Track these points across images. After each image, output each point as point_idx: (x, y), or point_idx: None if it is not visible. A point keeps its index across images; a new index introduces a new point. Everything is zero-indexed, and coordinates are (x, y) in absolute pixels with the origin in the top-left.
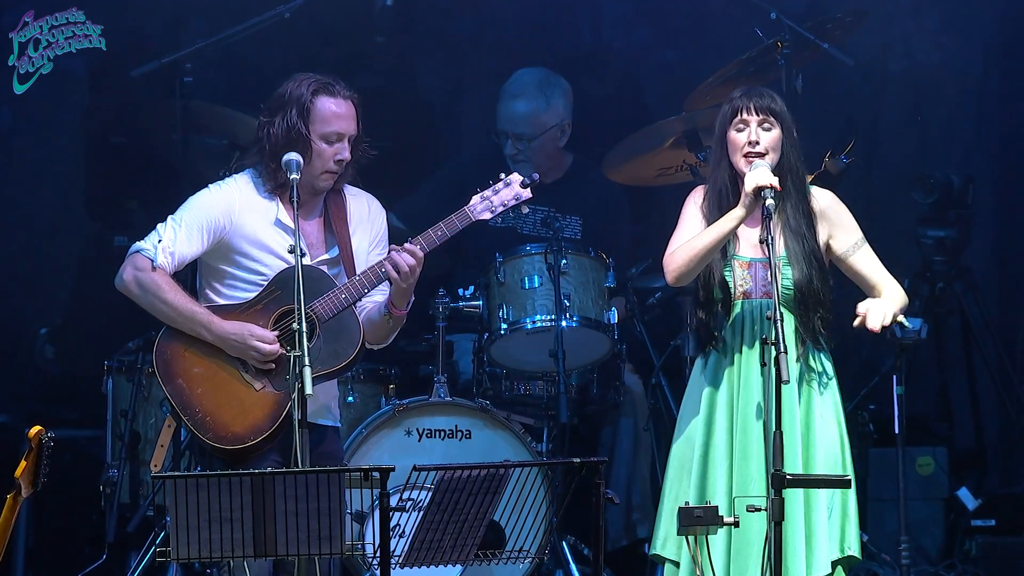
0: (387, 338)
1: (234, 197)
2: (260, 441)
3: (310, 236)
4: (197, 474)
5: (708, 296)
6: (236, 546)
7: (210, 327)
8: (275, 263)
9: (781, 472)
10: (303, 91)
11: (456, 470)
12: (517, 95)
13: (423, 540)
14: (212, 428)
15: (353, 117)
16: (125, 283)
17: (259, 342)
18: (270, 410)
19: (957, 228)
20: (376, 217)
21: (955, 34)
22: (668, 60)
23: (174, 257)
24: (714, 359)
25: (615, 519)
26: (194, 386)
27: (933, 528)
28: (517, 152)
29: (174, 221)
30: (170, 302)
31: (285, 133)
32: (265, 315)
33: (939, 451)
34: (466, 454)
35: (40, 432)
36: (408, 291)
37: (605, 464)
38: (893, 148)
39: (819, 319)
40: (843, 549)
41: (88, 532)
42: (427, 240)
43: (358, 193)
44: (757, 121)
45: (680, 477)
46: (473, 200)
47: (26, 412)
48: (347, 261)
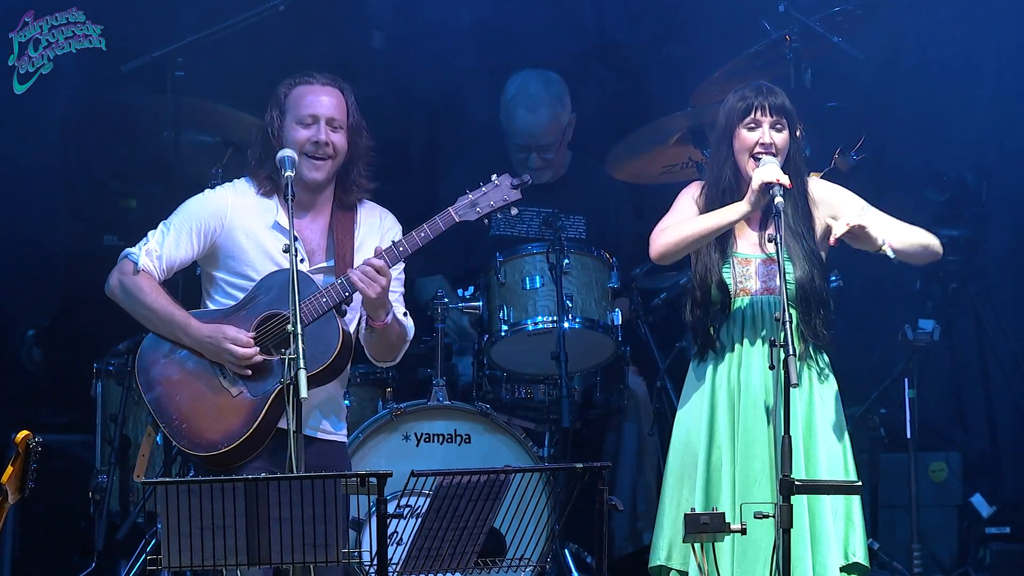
0: (390, 353)
1: (227, 200)
2: (235, 448)
3: (311, 242)
4: (189, 479)
5: (705, 296)
6: (229, 554)
7: (187, 330)
8: (270, 268)
9: (790, 478)
10: (283, 88)
11: (455, 476)
12: (533, 107)
13: (421, 548)
14: (187, 435)
15: (336, 103)
16: (111, 288)
17: (232, 344)
18: (245, 416)
19: (971, 227)
20: (388, 228)
21: (969, 27)
22: (674, 54)
23: (161, 261)
24: (711, 360)
25: (619, 526)
26: (172, 393)
27: (946, 536)
28: (544, 164)
29: (164, 225)
30: (149, 305)
31: (266, 131)
32: (248, 320)
33: (952, 456)
34: (465, 459)
35: (27, 437)
36: (377, 303)
37: (608, 469)
38: (905, 145)
39: (820, 318)
40: (847, 556)
41: (76, 540)
42: (409, 242)
43: (374, 208)
44: (770, 122)
45: (681, 484)
46: (459, 200)
47: (13, 416)
48: (341, 272)
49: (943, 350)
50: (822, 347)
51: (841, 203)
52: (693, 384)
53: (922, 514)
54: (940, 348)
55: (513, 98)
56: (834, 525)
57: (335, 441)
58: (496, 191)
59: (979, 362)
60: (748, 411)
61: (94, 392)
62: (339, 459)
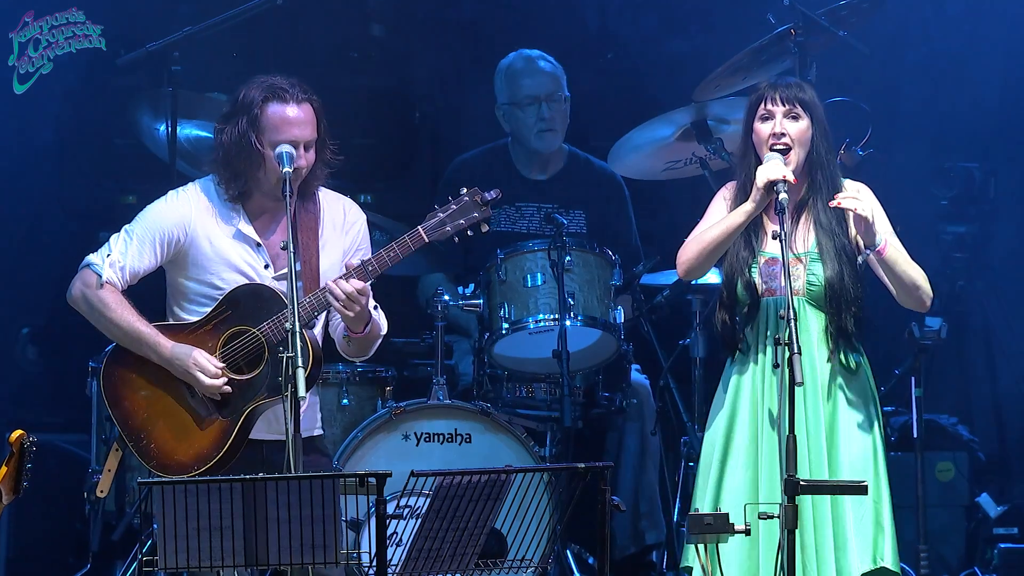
0: (366, 351)
1: (191, 207)
2: (206, 471)
3: (274, 247)
4: (186, 480)
5: (732, 296)
6: (226, 555)
7: (156, 348)
8: (235, 279)
9: (795, 478)
10: (253, 97)
11: (455, 476)
12: (536, 61)
13: (421, 549)
14: (156, 456)
15: (310, 122)
16: (75, 299)
17: (200, 372)
18: (215, 439)
19: (978, 223)
20: (352, 223)
21: (977, 21)
22: (676, 48)
23: (124, 272)
24: (739, 360)
25: (621, 526)
26: (139, 411)
27: (953, 536)
28: (552, 116)
29: (126, 234)
30: (115, 321)
31: (236, 142)
32: (214, 336)
33: (959, 456)
34: (466, 459)
35: (22, 436)
36: (356, 319)
37: (611, 469)
38: (911, 140)
39: (851, 317)
40: (875, 560)
41: (72, 540)
42: (379, 262)
43: (334, 199)
44: (783, 111)
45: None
46: (428, 219)
47: (7, 415)
48: (308, 278)
49: (950, 348)
50: (855, 349)
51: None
52: (723, 384)
53: (929, 514)
54: (947, 346)
55: (511, 64)
56: (858, 528)
57: (315, 436)
58: (465, 206)
59: (987, 360)
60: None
61: (89, 391)
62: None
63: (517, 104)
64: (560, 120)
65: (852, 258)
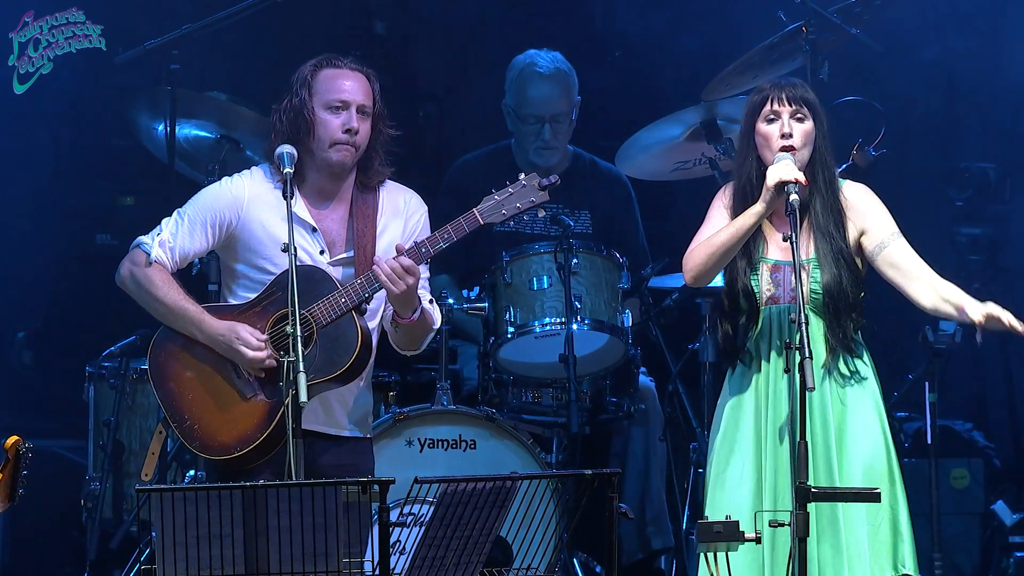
0: (415, 343)
1: (245, 190)
2: (248, 452)
3: (331, 233)
4: (184, 487)
5: (733, 305)
6: (226, 563)
7: (200, 326)
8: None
9: (806, 485)
10: (306, 69)
11: (460, 483)
12: (546, 75)
13: (425, 557)
14: (199, 437)
15: (364, 89)
16: (122, 278)
17: (244, 346)
18: (259, 420)
19: (994, 225)
20: (414, 211)
21: (992, 18)
22: (686, 46)
23: (174, 252)
24: (740, 371)
25: (628, 533)
26: (185, 391)
27: (968, 544)
28: (554, 137)
29: (178, 215)
30: (161, 299)
31: (290, 113)
32: (263, 317)
33: (974, 463)
34: (471, 465)
35: (17, 442)
36: (405, 298)
37: (618, 476)
38: (925, 140)
39: (851, 323)
40: (896, 567)
41: (68, 549)
42: (432, 243)
43: (397, 188)
44: (790, 112)
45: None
46: (484, 201)
47: (2, 421)
48: (361, 263)
49: (965, 353)
50: (856, 354)
51: (872, 220)
52: (724, 394)
53: (943, 522)
54: (962, 351)
55: (523, 71)
56: (876, 536)
57: (362, 439)
58: (523, 191)
59: (1002, 365)
60: (776, 424)
61: (86, 396)
62: (365, 457)
63: (521, 118)
64: (563, 138)
65: (851, 261)
